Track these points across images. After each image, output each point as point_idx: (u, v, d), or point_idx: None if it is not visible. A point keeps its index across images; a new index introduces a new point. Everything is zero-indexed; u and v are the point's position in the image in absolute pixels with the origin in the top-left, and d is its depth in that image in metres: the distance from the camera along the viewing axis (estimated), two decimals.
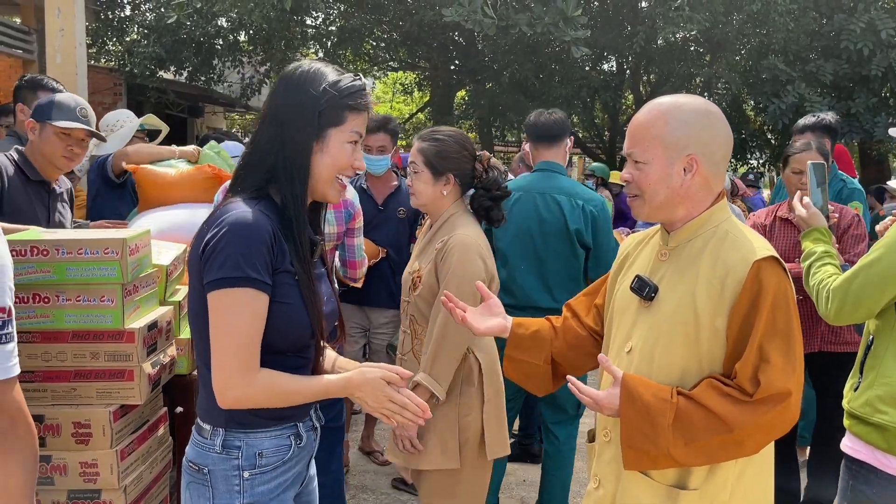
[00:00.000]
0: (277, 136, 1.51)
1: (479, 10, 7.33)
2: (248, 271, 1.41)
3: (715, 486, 1.54)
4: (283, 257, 1.48)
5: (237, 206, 1.47)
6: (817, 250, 2.32)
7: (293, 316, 1.49)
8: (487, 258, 2.36)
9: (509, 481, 4.05)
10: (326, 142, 1.52)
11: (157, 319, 2.25)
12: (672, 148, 1.56)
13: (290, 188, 1.50)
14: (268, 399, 1.47)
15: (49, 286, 2.05)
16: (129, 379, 2.10)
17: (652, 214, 1.64)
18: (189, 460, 1.57)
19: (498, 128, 12.44)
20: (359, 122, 1.56)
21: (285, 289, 1.48)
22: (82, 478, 2.06)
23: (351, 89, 1.53)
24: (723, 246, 1.56)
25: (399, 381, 1.55)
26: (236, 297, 1.41)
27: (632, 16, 10.53)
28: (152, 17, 10.71)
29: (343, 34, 10.86)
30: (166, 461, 2.41)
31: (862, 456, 2.03)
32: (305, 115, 1.50)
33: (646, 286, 1.62)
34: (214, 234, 1.44)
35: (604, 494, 1.68)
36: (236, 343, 1.42)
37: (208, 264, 1.43)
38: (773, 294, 1.48)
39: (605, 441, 1.70)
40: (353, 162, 1.56)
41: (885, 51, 8.80)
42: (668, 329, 1.57)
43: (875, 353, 2.05)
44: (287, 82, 1.54)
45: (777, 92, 8.98)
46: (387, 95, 21.84)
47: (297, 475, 1.62)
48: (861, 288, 2.00)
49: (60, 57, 6.62)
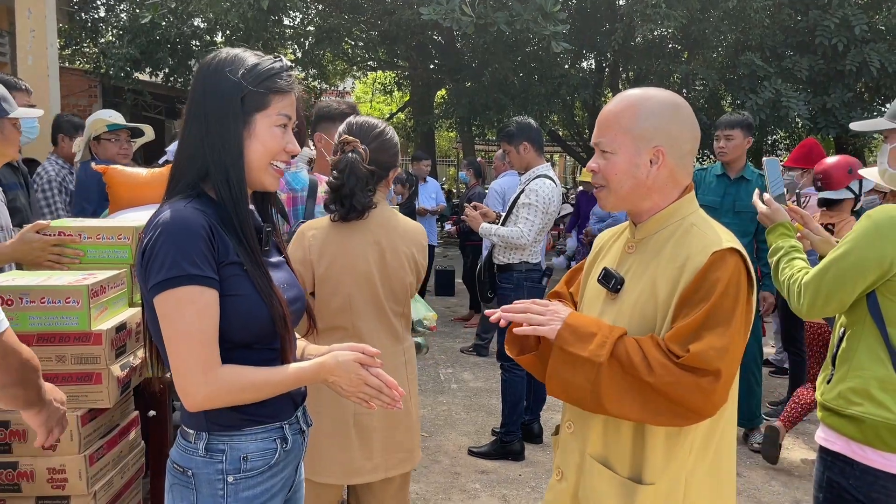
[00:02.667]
0: (203, 131, 1.46)
1: (456, 8, 7.31)
2: (187, 268, 1.37)
3: (669, 481, 1.53)
4: (227, 250, 1.44)
5: (168, 208, 1.43)
6: (784, 245, 2.31)
7: (249, 307, 1.45)
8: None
9: (491, 479, 4.03)
10: (254, 128, 1.48)
11: (126, 321, 2.20)
12: (639, 139, 1.57)
13: (224, 181, 1.45)
14: (236, 395, 1.43)
15: (12, 290, 2.01)
16: (96, 382, 2.05)
17: (617, 205, 1.64)
18: (173, 461, 1.53)
19: (479, 126, 12.43)
20: (285, 103, 1.51)
21: (234, 280, 1.44)
22: (50, 484, 2.01)
23: (271, 71, 1.48)
24: (687, 237, 1.57)
25: (372, 361, 1.52)
26: (180, 296, 1.37)
27: (609, 13, 10.57)
28: (126, 18, 10.58)
29: (321, 34, 10.80)
30: (138, 466, 2.37)
31: (837, 447, 2.03)
32: (228, 103, 1.45)
33: (612, 278, 1.62)
34: (149, 239, 1.40)
35: (566, 487, 1.68)
36: (189, 343, 1.38)
37: (147, 270, 1.40)
38: (725, 283, 1.47)
39: (568, 433, 1.70)
40: (286, 146, 1.52)
41: (858, 46, 8.91)
42: (630, 319, 1.57)
43: (848, 345, 2.06)
44: (205, 73, 1.48)
45: (754, 88, 9.06)
46: (367, 95, 21.80)
47: (284, 480, 1.59)
48: (833, 281, 2.01)
49: (32, 58, 6.53)
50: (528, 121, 4.40)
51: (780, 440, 4.02)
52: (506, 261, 4.26)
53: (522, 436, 4.40)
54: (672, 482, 1.53)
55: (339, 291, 2.25)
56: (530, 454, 4.36)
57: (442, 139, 20.21)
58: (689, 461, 1.54)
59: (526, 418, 4.51)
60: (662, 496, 1.52)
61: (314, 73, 12.06)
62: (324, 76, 12.55)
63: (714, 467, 1.57)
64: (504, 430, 4.34)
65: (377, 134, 2.31)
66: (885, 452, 1.93)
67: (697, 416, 1.46)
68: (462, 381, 5.91)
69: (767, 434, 4.08)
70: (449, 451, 4.45)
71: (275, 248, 1.66)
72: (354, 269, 2.24)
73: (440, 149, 19.02)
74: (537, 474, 4.12)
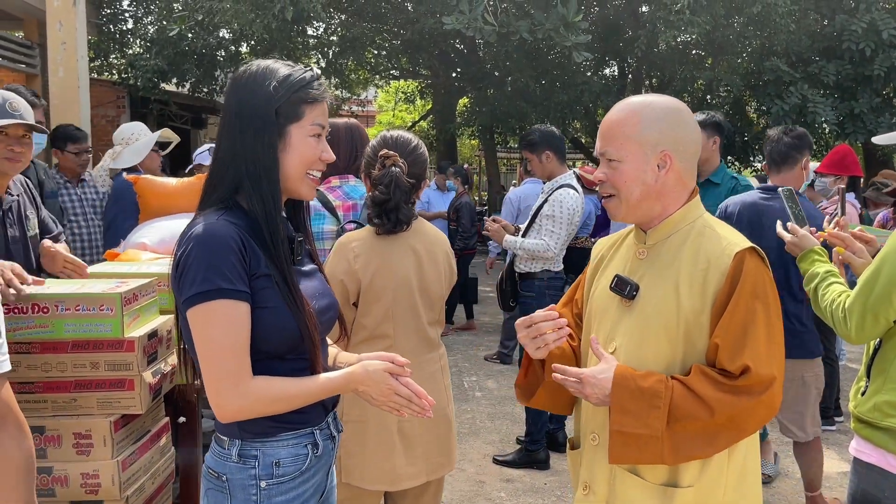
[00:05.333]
0: (237, 144, 1.48)
1: (479, 17, 7.34)
2: (218, 282, 1.38)
3: (709, 481, 1.53)
4: (258, 262, 1.45)
5: (200, 221, 1.45)
6: (819, 271, 2.25)
7: (278, 319, 1.46)
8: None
9: (516, 487, 4.02)
10: (289, 139, 1.50)
11: (158, 328, 2.23)
12: (646, 145, 1.57)
13: (258, 193, 1.47)
14: (267, 406, 1.45)
15: (48, 297, 2.04)
16: (129, 388, 2.08)
17: (629, 213, 1.63)
18: (208, 467, 1.55)
19: (500, 134, 12.45)
20: (317, 112, 1.53)
21: (265, 293, 1.45)
22: (84, 489, 2.04)
23: (303, 81, 1.50)
24: (702, 240, 1.57)
25: (401, 371, 1.53)
26: (211, 310, 1.39)
27: (633, 20, 10.54)
28: (154, 30, 10.76)
29: (344, 43, 10.90)
30: (169, 472, 2.39)
31: (872, 459, 2.00)
32: (262, 116, 1.46)
33: (626, 285, 1.61)
34: (182, 252, 1.42)
35: (595, 500, 1.65)
36: (220, 357, 1.40)
37: (180, 283, 1.42)
38: (752, 282, 1.50)
39: (593, 445, 1.67)
40: (321, 154, 1.54)
41: (887, 51, 8.80)
42: (653, 326, 1.56)
43: (883, 356, 2.02)
44: (238, 87, 1.49)
45: (780, 93, 8.98)
46: (389, 104, 21.90)
47: (316, 486, 1.60)
48: (878, 300, 1.94)
49: (63, 70, 6.65)
50: (550, 129, 4.39)
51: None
52: (527, 269, 4.26)
53: (547, 444, 4.38)
54: (711, 483, 1.53)
55: (381, 300, 2.29)
56: (555, 463, 4.34)
57: (464, 147, 20.26)
58: (725, 463, 1.54)
59: (551, 427, 4.49)
60: (703, 498, 1.52)
61: (336, 81, 12.16)
62: (346, 85, 12.65)
63: (744, 470, 1.57)
64: (529, 439, 4.32)
65: (413, 148, 2.39)
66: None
67: (765, 422, 1.53)
68: (486, 389, 5.90)
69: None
70: (474, 459, 4.44)
71: (307, 257, 1.67)
72: (395, 278, 2.29)
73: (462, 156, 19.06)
74: (563, 483, 4.09)
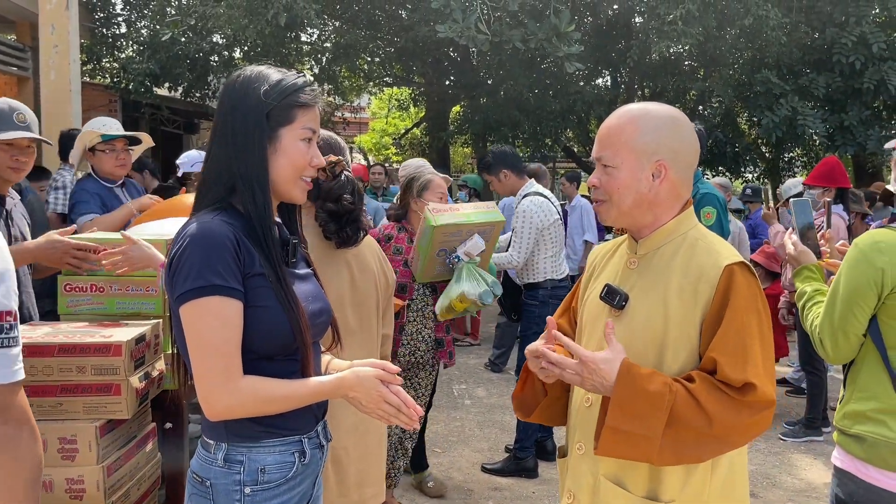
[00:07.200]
0: (230, 147, 1.49)
1: (472, 26, 7.36)
2: (212, 279, 1.40)
3: (693, 494, 1.52)
4: (252, 262, 1.47)
5: (195, 220, 1.47)
6: (808, 290, 2.28)
7: (272, 319, 1.47)
8: None
9: (504, 496, 4.01)
10: (280, 143, 1.51)
11: (145, 333, 2.22)
12: (642, 153, 1.57)
13: (250, 196, 1.49)
14: (257, 406, 1.44)
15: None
16: (116, 393, 2.07)
17: (619, 219, 1.63)
18: (193, 472, 1.55)
19: (493, 142, 12.46)
20: (309, 117, 1.54)
21: (259, 292, 1.46)
22: (68, 494, 2.02)
23: (295, 86, 1.52)
24: (694, 252, 1.57)
25: (392, 378, 1.53)
26: (205, 306, 1.40)
27: (625, 30, 10.59)
28: (147, 34, 10.73)
29: (338, 50, 10.90)
30: (155, 477, 2.38)
31: (845, 466, 2.07)
32: (254, 119, 1.48)
33: (616, 294, 1.60)
34: (177, 251, 1.44)
35: None
36: (212, 353, 1.40)
37: (174, 280, 1.43)
38: (744, 296, 1.49)
39: (579, 454, 1.66)
40: (311, 159, 1.55)
41: (876, 64, 8.87)
42: (641, 336, 1.56)
43: (854, 367, 2.09)
44: (231, 91, 1.52)
45: (770, 105, 9.02)
46: (383, 111, 21.92)
47: (302, 494, 1.59)
48: (842, 317, 2.01)
49: (55, 74, 6.61)
50: (502, 148, 4.53)
51: None
52: (530, 280, 4.29)
53: (536, 453, 4.38)
54: (694, 497, 1.52)
55: None
56: (544, 471, 4.33)
57: (457, 155, 20.27)
58: (707, 476, 1.53)
59: (540, 435, 4.48)
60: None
61: (330, 88, 12.16)
62: (340, 92, 12.64)
63: (729, 482, 1.57)
64: (518, 447, 4.32)
65: (343, 146, 2.25)
66: (886, 471, 1.97)
67: (753, 439, 1.52)
68: (476, 398, 5.89)
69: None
70: (462, 467, 4.42)
71: (302, 261, 1.67)
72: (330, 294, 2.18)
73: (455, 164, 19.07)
74: (551, 492, 4.08)
